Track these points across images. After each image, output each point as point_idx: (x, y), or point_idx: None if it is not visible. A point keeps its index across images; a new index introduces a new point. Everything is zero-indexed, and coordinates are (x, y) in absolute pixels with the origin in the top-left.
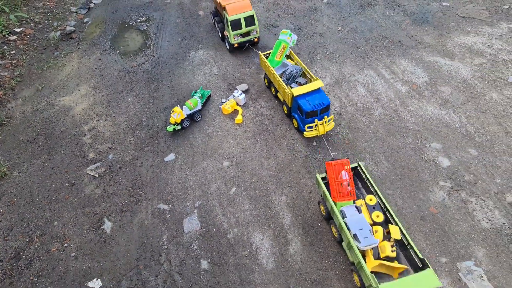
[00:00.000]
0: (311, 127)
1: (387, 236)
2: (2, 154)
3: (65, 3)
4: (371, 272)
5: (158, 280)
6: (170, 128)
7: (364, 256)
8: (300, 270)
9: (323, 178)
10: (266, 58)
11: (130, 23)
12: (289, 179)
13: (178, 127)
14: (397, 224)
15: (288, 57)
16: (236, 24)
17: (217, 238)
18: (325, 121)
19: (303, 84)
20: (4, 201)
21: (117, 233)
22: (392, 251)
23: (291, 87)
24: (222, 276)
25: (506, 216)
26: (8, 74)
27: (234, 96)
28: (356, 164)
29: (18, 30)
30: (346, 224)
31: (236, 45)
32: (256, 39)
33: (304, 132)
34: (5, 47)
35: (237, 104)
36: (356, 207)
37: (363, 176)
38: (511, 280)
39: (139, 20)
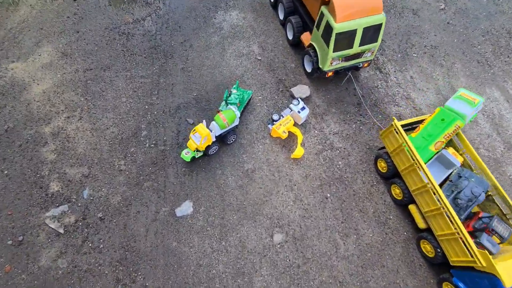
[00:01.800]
0: None
1: None
2: None
3: None
4: None
5: None
6: (187, 157)
7: None
8: None
9: None
10: (406, 132)
11: None
12: (383, 285)
13: (199, 155)
14: None
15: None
16: (345, 39)
17: None
18: None
19: (504, 237)
20: None
21: None
22: None
23: (483, 245)
24: None
25: None
26: None
27: (291, 111)
28: None
29: None
30: None
31: (330, 73)
32: (366, 64)
33: None
34: None
35: (295, 123)
36: None
37: None
38: None
39: None
